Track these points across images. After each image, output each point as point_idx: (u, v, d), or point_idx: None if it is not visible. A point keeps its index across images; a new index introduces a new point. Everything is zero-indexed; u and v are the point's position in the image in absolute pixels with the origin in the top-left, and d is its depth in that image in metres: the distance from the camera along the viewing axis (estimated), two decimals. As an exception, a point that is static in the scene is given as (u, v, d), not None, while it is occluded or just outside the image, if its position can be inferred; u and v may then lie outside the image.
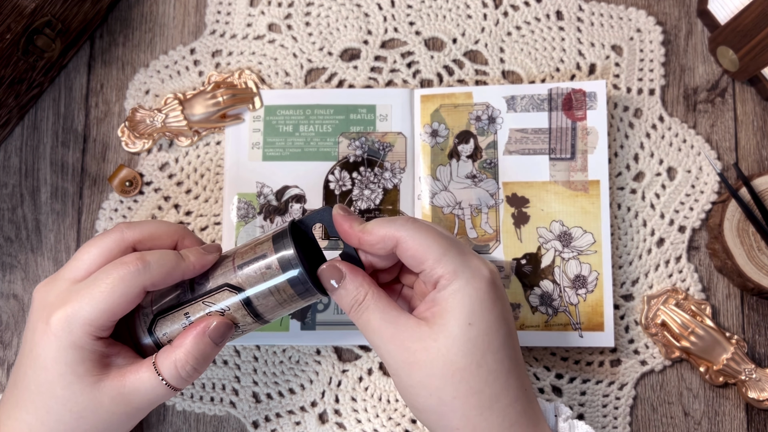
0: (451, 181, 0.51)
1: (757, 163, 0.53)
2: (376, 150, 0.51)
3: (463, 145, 0.51)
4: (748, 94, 0.54)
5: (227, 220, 0.51)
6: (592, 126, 0.50)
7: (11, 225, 0.53)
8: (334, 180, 0.51)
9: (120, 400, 0.36)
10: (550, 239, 0.50)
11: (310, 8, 0.55)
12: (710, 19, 0.53)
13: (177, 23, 0.55)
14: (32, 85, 0.52)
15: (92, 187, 0.53)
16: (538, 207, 0.50)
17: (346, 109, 0.52)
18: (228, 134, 0.52)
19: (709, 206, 0.52)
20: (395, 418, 0.50)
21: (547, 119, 0.51)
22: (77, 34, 0.53)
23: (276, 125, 0.52)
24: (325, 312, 0.50)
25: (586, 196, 0.50)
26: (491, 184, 0.51)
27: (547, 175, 0.50)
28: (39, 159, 0.54)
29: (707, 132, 0.53)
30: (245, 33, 0.55)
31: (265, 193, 0.51)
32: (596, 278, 0.49)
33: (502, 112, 0.51)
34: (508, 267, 0.50)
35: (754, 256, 0.49)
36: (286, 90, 0.53)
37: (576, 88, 0.51)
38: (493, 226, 0.50)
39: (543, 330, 0.49)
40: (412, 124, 0.52)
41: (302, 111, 0.52)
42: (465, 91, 0.52)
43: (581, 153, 0.50)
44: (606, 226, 0.49)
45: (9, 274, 0.52)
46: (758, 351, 0.51)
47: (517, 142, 0.51)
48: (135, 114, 0.52)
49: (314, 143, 0.52)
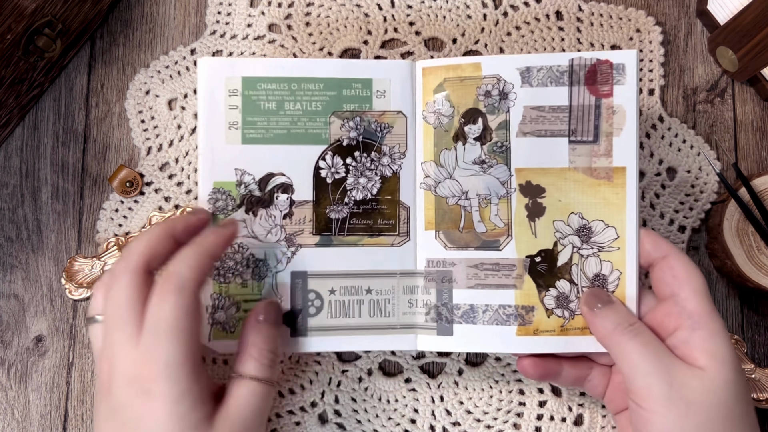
0: (456, 167, 0.45)
1: (757, 163, 0.53)
2: (372, 132, 0.45)
3: (470, 126, 0.45)
4: (747, 94, 0.54)
5: None
6: (619, 104, 0.43)
7: (12, 225, 0.53)
8: (326, 167, 0.45)
9: (237, 426, 0.36)
10: (568, 234, 0.44)
11: (310, 8, 0.55)
12: (710, 19, 0.54)
13: (177, 24, 0.55)
14: (33, 85, 0.52)
15: (93, 188, 0.54)
16: (555, 197, 0.44)
17: (339, 83, 0.45)
18: (200, 111, 0.44)
19: (708, 206, 0.52)
20: (395, 418, 0.50)
21: (567, 95, 0.44)
22: (78, 34, 0.53)
23: (257, 101, 0.45)
24: (318, 315, 0.45)
25: (609, 185, 0.43)
26: (502, 170, 0.44)
27: (566, 160, 0.44)
28: (39, 159, 0.54)
29: (707, 132, 0.53)
30: (245, 33, 0.55)
31: (246, 182, 0.44)
32: (618, 278, 0.43)
33: (516, 87, 0.44)
34: (521, 265, 0.44)
35: (754, 256, 0.49)
36: (268, 59, 0.48)
37: (602, 59, 0.44)
38: (505, 219, 0.44)
39: (559, 335, 0.43)
40: (413, 102, 0.45)
41: (287, 85, 0.45)
42: (473, 62, 0.45)
43: (605, 135, 0.43)
44: (632, 219, 0.43)
45: (9, 274, 0.53)
46: (757, 351, 0.51)
47: (533, 121, 0.44)
48: (72, 264, 0.51)
49: (302, 123, 0.45)
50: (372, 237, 0.45)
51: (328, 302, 0.45)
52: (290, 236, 0.45)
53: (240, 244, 0.44)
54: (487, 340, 0.44)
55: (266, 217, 0.45)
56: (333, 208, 0.45)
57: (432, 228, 0.45)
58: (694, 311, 0.37)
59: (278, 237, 0.45)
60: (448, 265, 0.45)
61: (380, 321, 0.45)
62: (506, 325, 0.44)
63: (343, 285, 0.45)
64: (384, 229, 0.45)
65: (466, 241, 0.45)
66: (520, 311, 0.44)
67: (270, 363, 0.38)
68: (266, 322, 0.39)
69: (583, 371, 0.43)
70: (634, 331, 0.38)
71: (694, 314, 0.37)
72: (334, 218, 0.45)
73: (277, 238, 0.45)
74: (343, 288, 0.45)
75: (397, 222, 0.45)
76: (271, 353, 0.38)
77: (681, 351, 0.37)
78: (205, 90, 0.44)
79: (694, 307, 0.38)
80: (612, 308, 0.39)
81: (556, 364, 0.43)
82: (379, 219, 0.45)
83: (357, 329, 0.45)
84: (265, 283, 0.44)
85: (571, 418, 0.50)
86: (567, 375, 0.43)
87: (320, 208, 0.45)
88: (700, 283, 0.38)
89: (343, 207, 0.45)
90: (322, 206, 0.45)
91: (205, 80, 0.44)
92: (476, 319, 0.44)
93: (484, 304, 0.44)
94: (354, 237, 0.45)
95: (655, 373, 0.36)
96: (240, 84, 0.45)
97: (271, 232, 0.45)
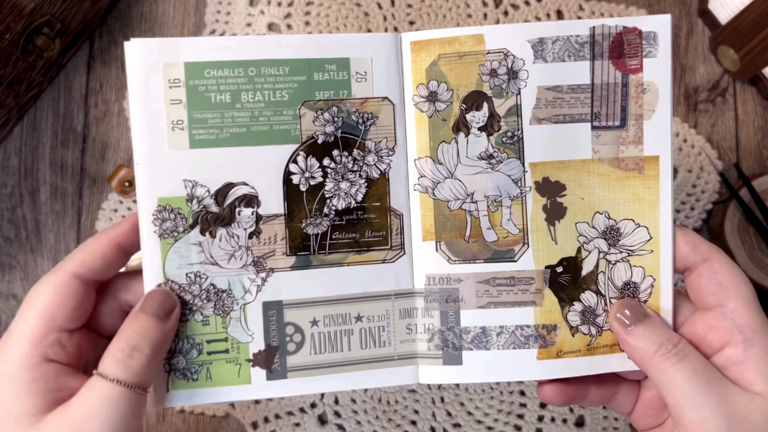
0: (458, 164, 0.38)
1: (758, 163, 0.53)
2: (353, 124, 0.37)
3: (473, 113, 0.38)
4: (748, 93, 0.54)
5: (146, 238, 0.36)
6: (650, 81, 0.37)
7: (11, 225, 0.53)
8: (298, 171, 0.37)
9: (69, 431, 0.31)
10: (593, 237, 0.38)
11: (309, 7, 0.55)
12: (711, 18, 0.53)
13: (177, 23, 0.55)
14: (31, 84, 0.52)
15: (92, 187, 0.53)
16: (577, 195, 0.38)
17: (308, 65, 0.37)
18: (133, 109, 0.36)
19: (710, 206, 0.52)
20: (395, 419, 0.50)
21: (589, 71, 0.37)
22: (77, 33, 0.53)
23: (206, 93, 0.36)
24: (298, 352, 0.38)
25: (640, 178, 0.37)
26: (514, 166, 0.38)
27: (589, 150, 0.37)
28: (38, 159, 0.54)
29: (708, 132, 0.53)
30: (245, 32, 0.55)
31: (199, 196, 0.36)
32: (651, 285, 0.37)
33: (527, 63, 0.37)
34: (540, 278, 0.38)
35: (755, 257, 0.49)
36: (217, 37, 0.40)
37: (629, 27, 0.37)
38: (519, 224, 0.38)
39: (585, 355, 0.38)
40: (401, 85, 0.38)
41: (243, 70, 0.36)
42: (473, 34, 0.37)
43: (635, 119, 0.37)
44: (666, 217, 0.37)
45: (8, 275, 0.52)
46: (759, 352, 0.51)
47: (549, 105, 0.37)
48: None
49: (265, 118, 0.37)
50: (359, 253, 0.38)
51: (310, 336, 0.38)
52: (259, 259, 0.37)
53: (197, 272, 0.36)
54: (503, 368, 0.38)
55: (227, 237, 0.37)
56: (310, 221, 0.38)
57: (431, 238, 0.39)
58: (746, 325, 0.33)
59: (244, 261, 0.37)
60: (453, 281, 0.39)
61: (374, 353, 0.38)
62: (525, 349, 0.38)
63: (328, 314, 0.38)
64: (373, 243, 0.38)
65: (474, 253, 0.38)
66: (540, 331, 0.38)
67: (130, 361, 0.32)
68: (143, 312, 0.33)
69: (610, 390, 0.39)
70: (680, 353, 0.33)
71: (746, 329, 0.33)
72: (312, 234, 0.38)
73: (243, 262, 0.37)
74: (327, 317, 0.38)
75: (389, 233, 0.38)
76: (135, 350, 0.32)
77: (732, 373, 0.33)
78: (138, 82, 0.35)
79: (746, 320, 0.33)
80: (650, 325, 0.35)
81: (582, 387, 0.39)
82: (367, 231, 0.38)
83: (347, 365, 0.38)
84: (231, 319, 0.37)
85: (573, 420, 0.50)
86: (593, 397, 0.39)
87: (294, 223, 0.37)
88: (749, 292, 0.34)
89: (322, 219, 0.38)
90: (296, 220, 0.37)
91: (137, 69, 0.35)
92: (489, 344, 0.38)
93: (498, 325, 0.38)
94: (338, 255, 0.38)
95: (710, 406, 0.32)
96: (183, 72, 0.36)
97: (234, 256, 0.37)
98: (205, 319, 0.37)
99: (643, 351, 0.34)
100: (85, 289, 0.34)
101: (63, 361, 0.33)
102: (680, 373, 0.32)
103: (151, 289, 0.35)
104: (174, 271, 0.36)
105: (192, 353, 0.37)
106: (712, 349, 0.34)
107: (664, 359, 0.33)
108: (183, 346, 0.37)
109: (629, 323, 0.35)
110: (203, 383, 0.37)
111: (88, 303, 0.34)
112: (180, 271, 0.36)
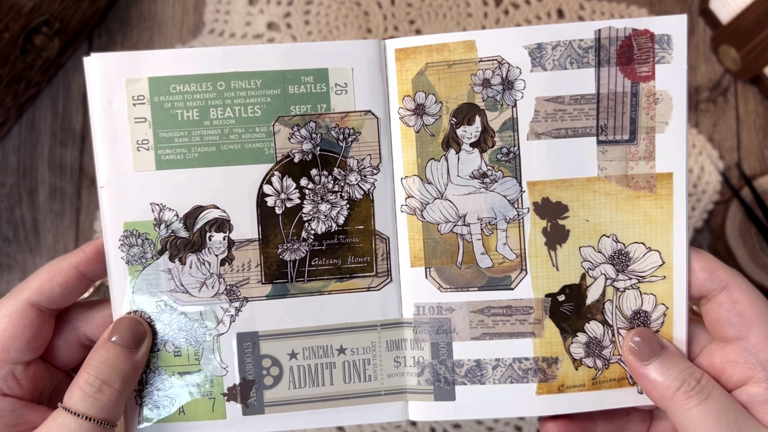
0: (449, 183, 0.35)
1: (760, 162, 0.53)
2: (333, 141, 0.35)
3: (464, 127, 0.35)
4: (750, 93, 0.53)
5: (113, 265, 0.34)
6: (664, 89, 0.34)
7: (9, 225, 0.53)
8: (273, 193, 0.35)
9: None
10: (600, 263, 0.35)
11: (309, 7, 0.54)
12: (712, 18, 0.53)
13: (176, 22, 0.55)
14: (30, 84, 0.52)
15: (90, 187, 0.53)
16: (581, 217, 0.35)
17: (283, 77, 0.34)
18: (95, 128, 0.34)
19: (711, 206, 0.52)
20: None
21: (594, 80, 0.34)
22: (75, 32, 0.53)
23: (172, 110, 0.34)
24: (276, 387, 0.35)
25: (651, 197, 0.34)
26: (511, 185, 0.35)
27: (595, 167, 0.34)
28: (37, 158, 0.53)
29: (709, 131, 0.53)
30: (244, 32, 0.54)
31: (168, 220, 0.34)
32: (663, 314, 0.34)
33: (524, 71, 0.34)
34: (539, 307, 0.35)
35: (757, 257, 0.49)
36: (182, 49, 0.37)
37: (639, 29, 0.33)
38: (516, 249, 0.35)
39: (590, 390, 0.35)
40: (385, 97, 0.35)
41: (212, 85, 0.34)
42: (464, 40, 0.34)
43: (646, 132, 0.34)
44: (681, 240, 0.34)
45: (7, 275, 0.52)
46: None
47: (549, 118, 0.34)
48: None
49: (236, 136, 0.34)
50: (342, 281, 0.35)
51: (288, 369, 0.35)
52: (232, 288, 0.35)
53: (165, 302, 0.34)
54: (500, 404, 0.36)
55: (198, 264, 0.35)
56: (287, 246, 0.35)
57: (420, 264, 0.35)
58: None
59: (216, 290, 0.35)
60: (444, 311, 0.36)
61: (359, 387, 0.36)
62: (523, 383, 0.36)
63: (308, 345, 0.36)
64: (357, 270, 0.35)
65: (467, 280, 0.35)
66: (540, 364, 0.36)
67: (100, 396, 0.30)
68: (112, 342, 0.32)
69: (620, 423, 0.36)
70: (704, 391, 0.30)
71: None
72: (289, 260, 0.35)
73: (215, 291, 0.35)
74: (307, 349, 0.36)
75: (374, 259, 0.35)
76: (105, 384, 0.31)
77: (757, 411, 0.31)
78: (100, 99, 0.34)
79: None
80: (668, 358, 0.32)
81: (589, 422, 0.36)
82: (350, 256, 0.35)
83: (329, 400, 0.36)
84: (203, 350, 0.35)
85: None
86: (601, 431, 0.36)
87: (270, 249, 0.35)
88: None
89: (300, 245, 0.35)
90: (271, 246, 0.35)
91: (98, 85, 0.33)
92: (484, 378, 0.36)
93: (493, 358, 0.36)
94: (318, 283, 0.35)
95: None
96: (147, 87, 0.34)
97: (206, 284, 0.35)
98: (176, 350, 0.35)
99: (664, 388, 0.31)
100: (41, 318, 0.32)
101: (18, 395, 0.31)
102: (706, 414, 0.30)
103: (120, 316, 0.33)
104: (143, 298, 0.34)
105: (164, 385, 0.35)
106: (732, 384, 0.32)
107: (688, 398, 0.30)
108: (154, 378, 0.35)
109: (646, 357, 0.32)
110: (176, 417, 0.35)
111: (45, 333, 0.32)
112: (149, 299, 0.34)
